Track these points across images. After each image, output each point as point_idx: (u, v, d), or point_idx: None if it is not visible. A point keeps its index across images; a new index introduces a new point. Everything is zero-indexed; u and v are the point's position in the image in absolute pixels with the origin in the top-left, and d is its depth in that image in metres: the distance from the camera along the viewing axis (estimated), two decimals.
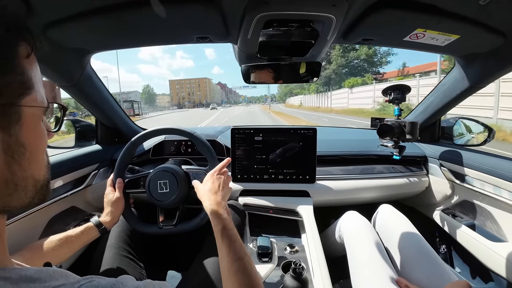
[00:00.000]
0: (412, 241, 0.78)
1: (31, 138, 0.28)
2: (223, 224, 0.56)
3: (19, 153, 0.27)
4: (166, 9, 0.55)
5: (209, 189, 0.66)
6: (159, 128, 0.84)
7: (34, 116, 0.29)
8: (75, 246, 0.66)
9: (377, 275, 0.69)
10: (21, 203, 0.28)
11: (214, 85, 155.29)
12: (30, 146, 0.28)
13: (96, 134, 1.19)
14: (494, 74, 0.86)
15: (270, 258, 0.78)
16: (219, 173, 0.72)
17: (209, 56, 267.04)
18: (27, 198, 0.29)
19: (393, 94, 1.01)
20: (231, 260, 0.49)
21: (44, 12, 0.57)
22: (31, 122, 0.28)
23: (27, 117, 0.27)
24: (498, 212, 0.88)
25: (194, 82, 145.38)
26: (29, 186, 0.29)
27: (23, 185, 0.28)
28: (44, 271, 0.27)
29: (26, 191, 0.28)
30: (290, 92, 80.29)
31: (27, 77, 0.27)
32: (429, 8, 0.59)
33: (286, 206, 0.97)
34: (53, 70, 0.81)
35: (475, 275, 0.98)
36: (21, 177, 0.27)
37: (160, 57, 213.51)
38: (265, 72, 0.85)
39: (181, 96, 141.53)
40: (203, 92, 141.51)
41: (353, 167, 1.12)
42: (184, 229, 0.79)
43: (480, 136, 1.07)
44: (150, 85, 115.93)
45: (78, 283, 0.26)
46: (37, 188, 0.30)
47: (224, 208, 0.61)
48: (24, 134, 0.27)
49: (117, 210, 0.76)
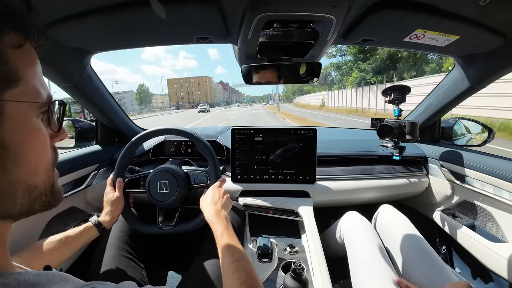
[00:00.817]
0: (412, 242, 0.78)
1: (17, 137, 0.25)
2: (222, 230, 0.59)
3: (1, 155, 0.24)
4: (166, 9, 0.55)
5: (210, 200, 0.70)
6: (160, 128, 0.84)
7: (21, 113, 0.25)
8: (75, 247, 0.66)
9: (378, 275, 0.68)
10: (11, 211, 0.26)
11: (215, 84, 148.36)
12: (15, 147, 0.25)
13: (96, 135, 1.19)
14: (494, 74, 0.86)
15: (270, 258, 0.78)
16: (219, 187, 0.76)
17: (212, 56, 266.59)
18: (17, 206, 0.26)
19: (393, 95, 1.01)
20: (230, 262, 0.51)
21: (44, 12, 0.57)
22: (16, 120, 0.25)
23: (11, 113, 0.24)
24: (498, 213, 0.88)
25: (193, 81, 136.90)
26: (18, 193, 0.26)
27: (8, 192, 0.25)
28: (44, 275, 0.26)
29: (14, 198, 0.26)
30: (300, 89, 72.95)
31: (11, 68, 0.24)
32: (429, 8, 0.59)
33: (286, 206, 0.97)
34: (53, 70, 0.81)
35: (475, 276, 0.98)
36: (5, 182, 0.24)
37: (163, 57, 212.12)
38: (265, 72, 0.85)
39: (180, 96, 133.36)
40: (203, 91, 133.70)
41: (353, 168, 1.12)
42: (183, 229, 0.79)
43: (480, 136, 1.07)
44: (145, 85, 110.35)
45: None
46: (33, 195, 0.27)
47: (223, 215, 0.65)
48: (7, 132, 0.24)
49: (116, 209, 0.76)
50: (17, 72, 0.25)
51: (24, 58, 0.26)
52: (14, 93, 0.25)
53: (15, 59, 0.25)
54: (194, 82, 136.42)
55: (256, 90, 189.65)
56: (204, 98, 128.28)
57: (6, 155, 0.24)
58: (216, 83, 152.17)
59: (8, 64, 0.24)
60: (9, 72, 0.24)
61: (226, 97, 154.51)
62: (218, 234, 0.59)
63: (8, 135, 0.24)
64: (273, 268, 0.75)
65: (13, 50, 0.25)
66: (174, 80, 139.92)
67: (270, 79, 0.86)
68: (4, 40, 0.24)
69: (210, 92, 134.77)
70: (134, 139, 0.83)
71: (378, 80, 18.36)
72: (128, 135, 1.20)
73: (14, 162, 0.25)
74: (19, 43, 0.25)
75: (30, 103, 0.26)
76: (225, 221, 0.62)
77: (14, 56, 0.25)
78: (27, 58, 0.27)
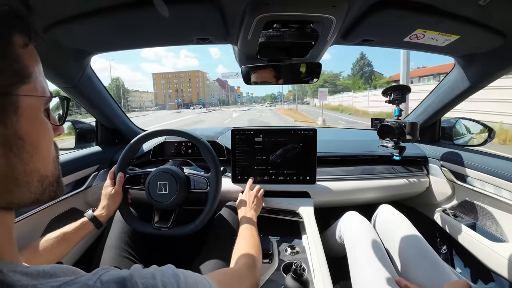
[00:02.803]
0: (411, 241, 0.78)
1: (31, 130, 0.27)
2: (245, 226, 0.74)
3: (18, 146, 0.26)
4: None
5: (244, 208, 0.85)
6: (166, 129, 0.85)
7: (33, 107, 0.27)
8: (72, 242, 0.66)
9: (377, 275, 0.68)
10: (24, 200, 0.27)
11: (211, 81, 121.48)
12: (30, 139, 0.27)
13: (96, 136, 1.19)
14: (494, 74, 0.86)
15: (270, 259, 0.78)
16: (250, 189, 0.94)
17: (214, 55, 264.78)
18: (32, 194, 0.28)
19: (393, 95, 1.01)
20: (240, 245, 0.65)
21: (44, 13, 0.57)
22: (30, 114, 0.27)
23: (25, 108, 0.26)
24: (499, 213, 0.88)
25: (183, 76, 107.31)
26: (34, 182, 0.28)
27: (26, 180, 0.27)
28: (58, 268, 0.27)
29: (30, 187, 0.27)
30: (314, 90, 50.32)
31: (23, 65, 0.26)
32: (429, 8, 0.59)
33: (286, 207, 0.97)
34: (53, 71, 0.81)
35: (476, 276, 0.98)
36: (22, 171, 0.26)
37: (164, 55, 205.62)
38: (265, 73, 0.85)
39: (167, 94, 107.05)
40: (194, 89, 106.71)
41: (353, 168, 1.12)
42: (177, 233, 0.78)
43: (480, 136, 1.07)
44: (120, 79, 74.35)
45: (98, 273, 0.26)
46: (44, 184, 0.29)
47: (252, 218, 0.80)
48: (23, 126, 0.26)
49: (113, 203, 0.77)
50: (28, 69, 0.27)
51: (31, 56, 0.28)
52: (27, 88, 0.27)
53: (25, 57, 0.27)
54: (185, 78, 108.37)
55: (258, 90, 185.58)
56: (196, 97, 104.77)
57: (23, 146, 0.26)
58: (213, 81, 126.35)
59: (20, 62, 0.26)
60: (21, 69, 0.26)
61: (224, 96, 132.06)
62: (241, 229, 0.73)
63: (23, 127, 0.26)
64: (274, 269, 0.75)
65: (22, 49, 0.27)
66: (161, 74, 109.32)
67: (270, 80, 0.86)
68: (15, 40, 0.26)
69: (203, 90, 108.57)
70: (139, 136, 0.83)
71: None
72: (128, 136, 1.20)
73: (30, 152, 0.27)
74: (25, 43, 0.27)
75: (40, 98, 0.28)
76: (252, 222, 0.77)
77: (24, 55, 0.27)
78: (33, 56, 0.29)
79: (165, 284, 0.28)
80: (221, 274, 0.51)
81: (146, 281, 0.27)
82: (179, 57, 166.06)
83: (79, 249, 0.93)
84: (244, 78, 0.84)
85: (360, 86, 34.15)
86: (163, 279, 0.29)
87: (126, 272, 0.28)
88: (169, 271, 0.31)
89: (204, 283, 0.34)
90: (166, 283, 0.28)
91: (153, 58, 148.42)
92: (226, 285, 0.45)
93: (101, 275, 0.26)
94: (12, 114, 0.25)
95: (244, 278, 0.53)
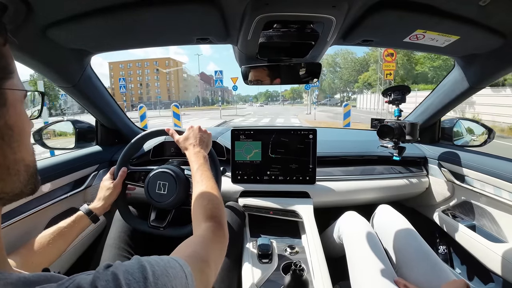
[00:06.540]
0: (410, 241, 0.78)
1: (18, 121, 0.29)
2: (197, 166, 0.66)
3: (8, 135, 0.28)
4: (167, 10, 0.55)
5: (188, 143, 0.75)
6: (165, 128, 0.85)
7: (17, 100, 0.30)
8: (69, 238, 0.65)
9: (376, 275, 0.69)
10: (14, 189, 0.29)
11: (189, 75, 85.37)
12: (18, 129, 0.29)
13: (96, 135, 1.19)
14: (494, 74, 0.86)
15: (270, 259, 0.78)
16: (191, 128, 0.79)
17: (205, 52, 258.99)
18: (20, 183, 0.29)
19: (393, 95, 1.01)
20: (199, 191, 0.58)
21: (44, 12, 0.57)
22: (16, 106, 0.29)
23: (11, 101, 0.28)
24: (498, 213, 0.88)
25: (149, 65, 70.73)
26: (21, 170, 0.29)
27: (16, 169, 0.29)
28: (42, 275, 0.27)
29: (19, 175, 0.29)
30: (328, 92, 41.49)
31: (7, 62, 0.29)
32: (429, 9, 0.59)
33: (286, 207, 0.97)
34: (53, 71, 0.81)
35: (475, 276, 0.98)
36: (13, 160, 0.28)
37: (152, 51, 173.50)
38: (265, 73, 0.85)
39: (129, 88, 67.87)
40: (163, 83, 72.08)
41: (353, 168, 1.12)
42: (172, 234, 0.78)
43: (480, 137, 1.07)
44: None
45: (63, 284, 0.25)
46: (29, 173, 0.31)
47: (201, 155, 0.70)
48: (12, 117, 0.28)
49: (110, 196, 0.76)
50: (10, 65, 0.29)
51: (9, 53, 0.30)
52: (12, 83, 0.29)
53: (7, 55, 0.29)
54: (151, 68, 71.32)
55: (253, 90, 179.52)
56: (166, 94, 69.30)
57: (12, 136, 0.28)
58: (195, 75, 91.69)
59: (5, 59, 0.28)
60: (6, 65, 0.29)
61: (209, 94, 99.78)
62: (193, 169, 0.66)
63: (12, 119, 0.28)
64: (273, 269, 0.75)
65: (4, 47, 0.29)
66: (120, 64, 72.11)
67: (270, 80, 0.86)
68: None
69: (176, 85, 74.06)
70: (144, 134, 0.84)
71: None
72: (128, 136, 1.20)
73: (18, 142, 0.29)
74: (5, 41, 0.29)
75: (21, 92, 0.30)
76: (201, 159, 0.69)
77: (6, 52, 0.29)
78: (10, 54, 0.30)
79: (128, 283, 0.26)
80: (186, 247, 0.46)
81: (107, 284, 0.25)
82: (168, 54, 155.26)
83: (79, 249, 0.93)
84: (244, 78, 0.84)
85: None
86: (126, 276, 0.26)
87: (89, 277, 0.26)
88: (134, 265, 0.28)
89: (173, 265, 0.32)
90: (130, 280, 0.26)
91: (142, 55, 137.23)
92: (194, 256, 0.41)
93: (67, 286, 0.25)
94: (2, 106, 0.27)
95: (211, 239, 0.50)
